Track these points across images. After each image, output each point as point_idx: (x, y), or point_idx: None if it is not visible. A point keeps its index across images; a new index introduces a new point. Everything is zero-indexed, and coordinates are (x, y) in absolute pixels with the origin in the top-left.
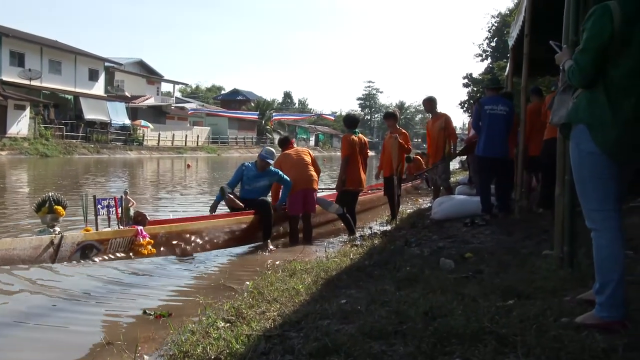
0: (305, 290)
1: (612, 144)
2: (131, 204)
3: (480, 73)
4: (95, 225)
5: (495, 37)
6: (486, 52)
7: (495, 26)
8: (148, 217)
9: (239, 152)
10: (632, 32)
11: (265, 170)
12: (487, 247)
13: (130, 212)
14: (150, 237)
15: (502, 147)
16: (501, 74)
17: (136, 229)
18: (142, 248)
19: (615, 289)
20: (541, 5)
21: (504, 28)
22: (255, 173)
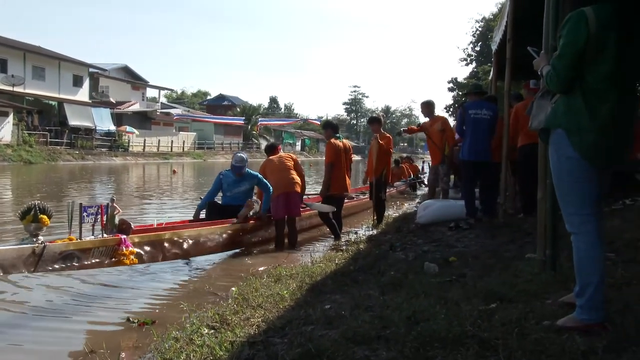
0: (290, 296)
1: (589, 148)
2: (117, 212)
3: (465, 77)
4: (79, 234)
5: (480, 42)
6: (471, 56)
7: (480, 31)
8: (132, 225)
9: (225, 157)
10: (607, 38)
11: (242, 175)
12: (471, 251)
13: (116, 220)
14: (133, 246)
15: (486, 151)
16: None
17: (119, 237)
18: (124, 258)
19: (594, 291)
20: (523, 10)
21: (488, 32)
22: (234, 178)
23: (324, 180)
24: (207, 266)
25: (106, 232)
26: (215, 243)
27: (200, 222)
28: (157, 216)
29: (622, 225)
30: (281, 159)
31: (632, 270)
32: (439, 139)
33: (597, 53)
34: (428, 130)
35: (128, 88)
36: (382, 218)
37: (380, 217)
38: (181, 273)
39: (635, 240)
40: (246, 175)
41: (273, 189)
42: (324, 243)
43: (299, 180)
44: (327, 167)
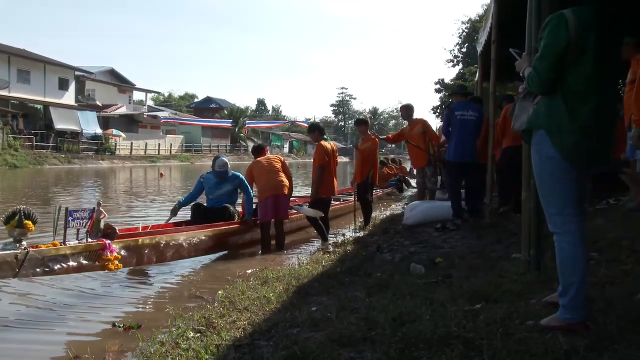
0: (276, 299)
1: (570, 149)
2: (103, 216)
3: (452, 78)
4: (63, 239)
5: (466, 43)
6: (457, 57)
7: (466, 32)
8: (117, 230)
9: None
10: (586, 40)
11: (225, 177)
12: (457, 252)
13: (101, 225)
14: (118, 252)
15: (472, 152)
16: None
17: (104, 242)
18: (109, 263)
19: (577, 291)
20: (507, 12)
21: (474, 34)
22: (215, 181)
23: (314, 182)
24: (194, 269)
25: (91, 237)
26: (200, 246)
27: (184, 225)
28: (143, 219)
29: (605, 225)
30: (269, 160)
31: (615, 270)
32: (422, 141)
33: (577, 54)
34: (408, 134)
35: (114, 91)
36: (369, 219)
37: (367, 218)
38: (167, 277)
39: (619, 239)
40: (228, 177)
41: (261, 191)
42: (311, 245)
43: (287, 182)
44: (318, 170)
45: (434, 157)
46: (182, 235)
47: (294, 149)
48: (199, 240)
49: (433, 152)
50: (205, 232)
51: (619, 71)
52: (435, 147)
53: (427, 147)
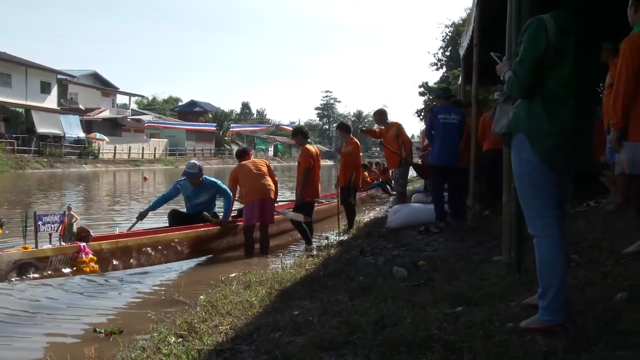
0: (259, 303)
1: (549, 152)
2: (74, 220)
3: (436, 82)
4: (35, 243)
5: (450, 47)
6: (441, 61)
7: (450, 36)
8: (92, 233)
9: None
10: (565, 44)
11: (200, 184)
12: (440, 255)
13: (74, 228)
14: (94, 254)
15: (455, 155)
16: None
17: (78, 245)
18: (84, 265)
19: (556, 293)
20: (489, 16)
21: (457, 38)
22: (192, 189)
23: (300, 185)
24: (177, 274)
25: (64, 241)
26: (180, 250)
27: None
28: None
29: (586, 227)
30: (256, 164)
31: (595, 271)
32: (395, 145)
33: (556, 59)
34: (384, 136)
35: (98, 94)
36: (352, 223)
37: (350, 222)
38: (149, 281)
39: (599, 241)
40: (204, 185)
41: (247, 194)
42: (295, 249)
43: (274, 186)
44: (303, 173)
45: (405, 160)
46: (161, 238)
47: (279, 152)
48: (179, 244)
49: (405, 155)
50: (184, 234)
51: (598, 75)
52: (407, 151)
53: (399, 150)
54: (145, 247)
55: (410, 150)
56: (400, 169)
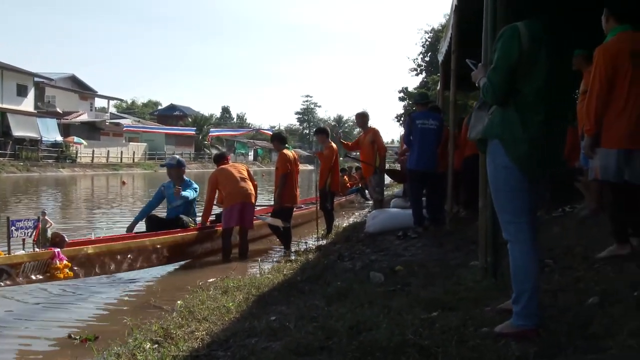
0: (236, 308)
1: (523, 158)
2: (49, 225)
3: (416, 87)
4: (7, 248)
5: (429, 52)
6: (420, 66)
7: (429, 41)
8: (67, 238)
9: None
10: (538, 52)
11: (182, 185)
12: (417, 260)
13: (48, 234)
14: (68, 260)
15: (433, 161)
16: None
17: (53, 251)
18: (58, 272)
19: (529, 298)
20: (467, 23)
21: (436, 43)
22: (173, 190)
23: (278, 191)
24: (153, 279)
25: (38, 247)
26: (157, 255)
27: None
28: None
29: (561, 233)
30: (237, 168)
31: (568, 277)
32: (371, 150)
33: (529, 66)
34: (362, 142)
35: (76, 98)
36: (331, 228)
37: (329, 226)
38: (126, 287)
39: (573, 247)
40: (185, 184)
41: (228, 197)
42: (273, 253)
43: (254, 191)
44: (281, 178)
45: (379, 168)
46: (137, 244)
47: (259, 156)
48: (156, 248)
49: (379, 162)
50: (160, 240)
51: (570, 82)
52: (381, 158)
53: (374, 156)
54: (122, 252)
55: (384, 158)
56: (375, 177)
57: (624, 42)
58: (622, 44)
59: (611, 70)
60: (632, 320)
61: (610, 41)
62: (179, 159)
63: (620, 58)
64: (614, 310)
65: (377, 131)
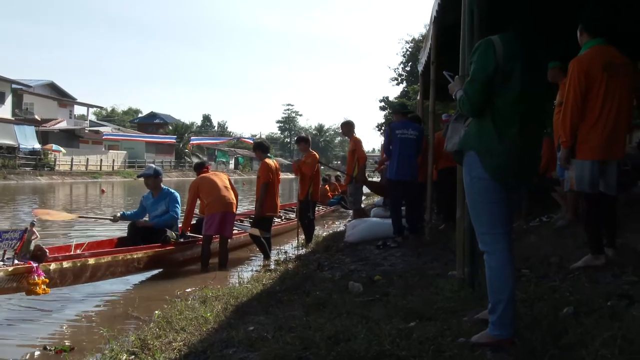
0: (214, 318)
1: (499, 170)
2: (34, 237)
3: (396, 96)
4: None
5: (410, 62)
6: (401, 76)
7: (410, 51)
8: (47, 252)
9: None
10: (513, 65)
11: (159, 193)
12: (396, 269)
13: (31, 245)
14: (45, 276)
15: (413, 170)
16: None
17: (31, 265)
18: (36, 287)
19: (505, 308)
20: (445, 35)
21: (417, 53)
22: (152, 200)
23: (259, 200)
24: (132, 288)
25: (19, 258)
26: (136, 266)
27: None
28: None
29: (538, 242)
30: (219, 177)
31: (544, 286)
32: (351, 160)
33: (504, 78)
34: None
35: (54, 105)
36: (311, 237)
37: (309, 236)
38: (103, 296)
39: (549, 256)
40: (162, 194)
41: (210, 205)
42: (253, 263)
43: (235, 201)
44: (262, 188)
45: (356, 178)
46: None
47: (240, 165)
48: (133, 260)
49: (357, 172)
50: (140, 250)
51: (545, 94)
52: (359, 168)
53: (353, 165)
54: (99, 263)
55: (363, 167)
56: (351, 187)
57: (597, 55)
58: (595, 57)
59: (585, 82)
60: (605, 330)
61: (583, 54)
62: (156, 168)
63: (594, 71)
64: (588, 320)
65: (359, 140)
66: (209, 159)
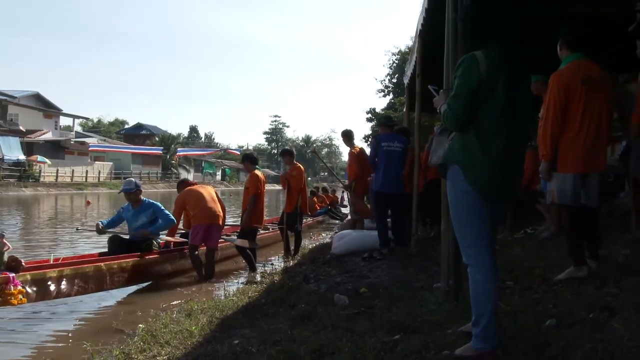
0: (199, 332)
1: (483, 183)
2: (7, 248)
3: (383, 108)
4: None
5: (397, 74)
6: (388, 87)
7: (396, 63)
8: (23, 262)
9: (143, 187)
10: (496, 79)
11: (139, 205)
12: (382, 282)
13: (5, 257)
14: (22, 286)
15: (398, 183)
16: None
17: (7, 276)
18: (12, 297)
19: (488, 320)
20: (431, 48)
21: (404, 65)
22: (133, 211)
23: (248, 211)
24: (116, 302)
25: None
26: (118, 279)
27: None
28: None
29: (522, 254)
30: (206, 189)
31: (527, 298)
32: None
33: (488, 93)
34: None
35: (40, 116)
36: (298, 249)
37: (296, 248)
38: (87, 310)
39: (533, 268)
40: (143, 206)
41: (196, 217)
42: (239, 275)
43: (222, 213)
44: (251, 199)
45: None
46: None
47: (227, 176)
48: (116, 272)
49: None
50: (120, 263)
51: (529, 108)
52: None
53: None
54: (79, 276)
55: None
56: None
57: (576, 70)
58: (574, 71)
59: (564, 96)
60: (587, 342)
61: (563, 68)
62: (136, 182)
63: (573, 84)
64: (570, 333)
65: (351, 154)
66: (196, 171)
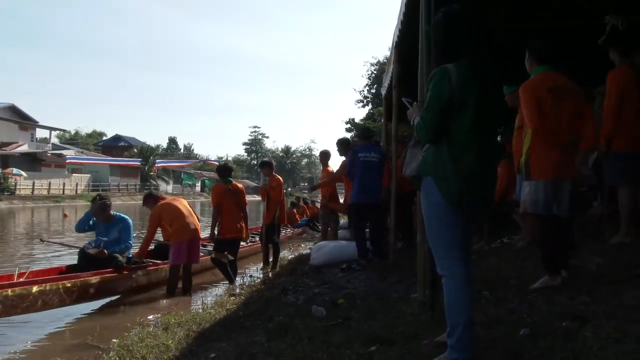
0: (176, 346)
1: (455, 195)
2: None
3: (362, 118)
4: None
5: (375, 84)
6: (367, 98)
7: (375, 74)
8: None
9: (122, 199)
10: (468, 92)
11: (110, 221)
12: (360, 293)
13: None
14: None
15: (375, 193)
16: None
17: None
18: None
19: (463, 331)
20: (407, 58)
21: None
22: (103, 226)
23: (212, 226)
24: (91, 317)
25: None
26: (87, 293)
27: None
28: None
29: (498, 264)
30: (180, 202)
31: (502, 308)
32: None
33: (459, 106)
34: None
35: (15, 128)
36: (277, 261)
37: (275, 259)
38: (61, 325)
39: (508, 278)
40: (115, 221)
41: (177, 233)
42: (218, 287)
43: (198, 225)
44: (213, 212)
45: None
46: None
47: (207, 187)
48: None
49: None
50: (85, 280)
51: (500, 121)
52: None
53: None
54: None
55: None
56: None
57: (543, 79)
58: (541, 80)
59: (533, 107)
60: (560, 351)
61: (530, 80)
62: (106, 202)
63: (540, 92)
64: (543, 342)
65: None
66: (175, 182)
